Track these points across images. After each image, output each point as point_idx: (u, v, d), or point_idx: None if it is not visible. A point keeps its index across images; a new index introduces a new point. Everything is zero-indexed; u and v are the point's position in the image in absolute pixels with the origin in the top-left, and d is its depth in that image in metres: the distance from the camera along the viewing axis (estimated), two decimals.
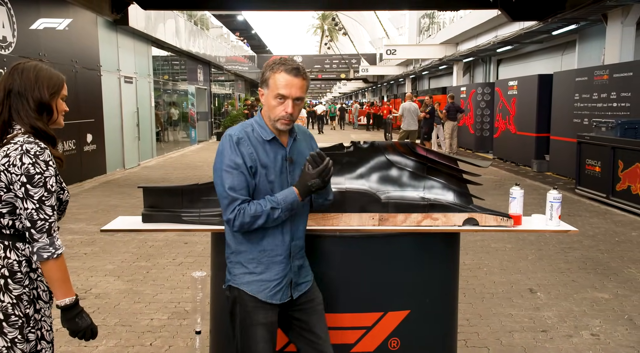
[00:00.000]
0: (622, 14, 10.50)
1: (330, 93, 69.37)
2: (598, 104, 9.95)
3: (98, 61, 11.57)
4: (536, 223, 2.64)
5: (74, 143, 10.35)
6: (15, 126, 1.86)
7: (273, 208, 1.95)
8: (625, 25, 10.58)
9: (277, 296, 2.05)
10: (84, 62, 10.89)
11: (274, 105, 2.00)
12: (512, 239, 6.11)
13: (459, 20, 20.50)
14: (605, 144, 8.46)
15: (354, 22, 41.47)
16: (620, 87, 9.32)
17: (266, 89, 2.02)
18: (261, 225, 1.96)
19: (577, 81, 10.74)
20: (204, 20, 22.31)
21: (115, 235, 6.19)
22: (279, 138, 2.05)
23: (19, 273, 1.83)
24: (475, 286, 4.66)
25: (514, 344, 3.56)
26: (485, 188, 9.47)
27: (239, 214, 1.94)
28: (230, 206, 1.95)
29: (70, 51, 10.37)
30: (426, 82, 31.51)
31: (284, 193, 1.99)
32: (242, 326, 2.05)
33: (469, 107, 17.00)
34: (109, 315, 4.00)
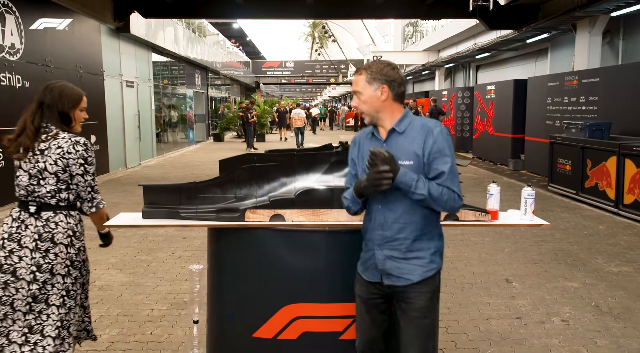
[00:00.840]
0: (589, 24, 10.59)
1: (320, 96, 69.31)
2: (568, 108, 10.02)
3: (101, 66, 11.47)
4: (512, 217, 2.65)
5: None
6: (48, 129, 2.37)
7: (345, 197, 2.13)
8: (592, 34, 10.68)
9: (367, 273, 2.12)
10: (88, 67, 10.79)
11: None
12: (490, 233, 6.14)
13: (441, 28, 20.56)
14: (575, 144, 8.53)
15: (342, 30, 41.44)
16: (588, 91, 9.41)
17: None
18: (347, 207, 2.13)
19: (549, 85, 10.81)
20: (202, 27, 22.18)
21: (118, 230, 6.13)
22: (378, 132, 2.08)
23: (77, 232, 2.49)
24: (455, 277, 4.68)
25: (491, 330, 3.58)
26: (465, 185, 9.51)
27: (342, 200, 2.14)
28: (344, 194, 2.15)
29: (75, 57, 10.26)
30: (410, 86, 31.58)
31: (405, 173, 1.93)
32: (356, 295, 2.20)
33: (450, 110, 17.06)
34: (112, 306, 3.97)
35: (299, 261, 2.33)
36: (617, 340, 3.41)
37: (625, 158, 7.13)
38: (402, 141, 2.01)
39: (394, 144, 2.02)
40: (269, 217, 2.39)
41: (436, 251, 2.09)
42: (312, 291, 2.34)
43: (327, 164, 2.51)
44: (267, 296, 2.37)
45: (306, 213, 2.41)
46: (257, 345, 2.39)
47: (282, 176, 2.51)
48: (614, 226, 6.62)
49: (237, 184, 2.47)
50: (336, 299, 2.33)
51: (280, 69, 39.69)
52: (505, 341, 3.42)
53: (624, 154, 7.16)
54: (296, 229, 2.36)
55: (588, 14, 10.17)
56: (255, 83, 40.50)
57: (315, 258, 2.33)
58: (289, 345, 2.36)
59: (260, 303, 2.37)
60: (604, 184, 7.65)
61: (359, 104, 2.04)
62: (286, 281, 2.36)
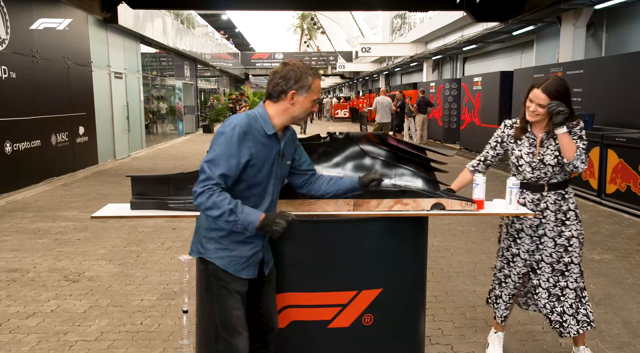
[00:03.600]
0: (574, 16, 10.65)
1: None
2: None
3: (89, 58, 11.30)
4: (497, 207, 2.67)
5: (66, 135, 10.11)
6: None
7: (232, 211, 1.92)
8: (577, 27, 10.74)
9: (245, 272, 2.09)
10: (76, 58, 10.62)
11: (309, 106, 2.09)
12: (477, 222, 6.18)
13: (429, 20, 20.53)
14: None
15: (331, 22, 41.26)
16: (572, 83, 9.45)
17: (306, 93, 2.05)
18: (213, 215, 1.95)
19: (535, 77, 10.86)
20: (190, 19, 21.93)
21: (107, 221, 6.09)
22: (278, 133, 2.08)
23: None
24: (442, 266, 4.71)
25: (476, 318, 3.61)
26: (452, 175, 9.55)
27: (205, 193, 1.92)
28: (204, 182, 1.94)
29: (62, 48, 10.09)
30: (399, 78, 31.57)
31: (251, 211, 1.96)
32: (219, 295, 2.08)
33: (438, 101, 17.09)
34: (102, 297, 3.94)
35: (288, 251, 2.32)
36: (598, 326, 3.46)
37: (608, 148, 7.21)
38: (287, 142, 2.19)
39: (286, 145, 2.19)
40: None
41: None
42: (300, 281, 2.34)
43: (315, 154, 2.49)
44: None
45: (294, 203, 2.40)
46: None
47: None
48: (597, 215, 6.70)
49: None
50: (325, 288, 2.33)
51: (270, 60, 39.46)
52: (490, 328, 3.44)
53: (606, 145, 7.24)
54: None
55: (572, 7, 10.22)
56: (244, 75, 40.24)
57: (303, 248, 2.32)
58: (279, 334, 2.36)
59: None
60: (587, 174, 7.73)
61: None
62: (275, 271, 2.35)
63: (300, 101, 2.05)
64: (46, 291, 4.05)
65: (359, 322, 2.36)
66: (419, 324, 2.64)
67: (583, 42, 10.86)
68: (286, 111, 2.06)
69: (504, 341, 3.10)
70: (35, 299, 3.90)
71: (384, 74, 32.92)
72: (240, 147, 1.95)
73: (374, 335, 2.40)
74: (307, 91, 2.04)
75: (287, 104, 2.05)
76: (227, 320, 2.08)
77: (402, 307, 2.49)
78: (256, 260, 2.13)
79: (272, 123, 2.05)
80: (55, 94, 9.79)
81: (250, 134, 1.98)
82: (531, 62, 14.27)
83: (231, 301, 2.08)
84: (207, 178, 1.93)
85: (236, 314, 2.08)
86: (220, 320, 2.09)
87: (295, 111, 2.07)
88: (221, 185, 1.95)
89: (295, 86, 2.03)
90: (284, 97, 2.04)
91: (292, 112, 2.07)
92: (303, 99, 2.05)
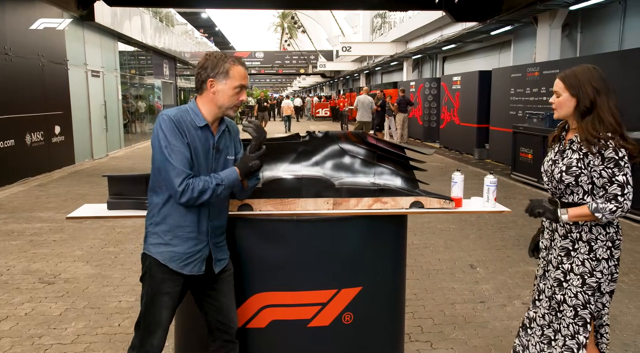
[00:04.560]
0: (550, 17, 10.84)
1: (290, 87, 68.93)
2: (530, 98, 10.26)
3: (65, 55, 11.08)
4: (475, 205, 2.69)
5: (42, 135, 9.91)
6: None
7: (218, 184, 1.99)
8: (552, 27, 10.94)
9: (187, 268, 2.08)
10: (51, 56, 10.41)
11: (232, 94, 2.05)
12: (456, 220, 6.25)
13: (408, 20, 20.67)
14: (536, 134, 8.74)
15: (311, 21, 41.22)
16: (549, 83, 9.60)
17: (225, 79, 2.03)
18: (206, 199, 1.99)
19: (512, 77, 11.03)
20: (169, 17, 21.68)
21: (84, 222, 5.99)
22: (210, 126, 2.07)
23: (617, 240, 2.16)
24: (422, 263, 4.75)
25: (455, 314, 3.65)
26: (432, 174, 9.64)
27: (187, 189, 1.95)
28: (179, 179, 1.94)
29: (37, 45, 9.88)
30: (379, 77, 31.72)
31: (226, 171, 2.04)
32: (150, 293, 2.09)
33: (418, 100, 17.23)
34: (78, 299, 3.87)
35: (267, 250, 2.31)
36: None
37: None
38: (225, 137, 2.17)
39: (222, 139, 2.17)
40: (237, 207, 2.36)
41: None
42: (280, 280, 2.33)
43: (294, 153, 2.49)
44: (236, 286, 2.35)
45: (274, 202, 2.39)
46: None
47: None
48: None
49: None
50: (304, 287, 2.33)
51: (250, 59, 39.29)
52: (469, 324, 3.49)
53: None
54: (264, 218, 2.34)
55: (548, 7, 10.40)
56: None
57: (283, 247, 2.32)
58: (258, 334, 2.35)
59: None
60: None
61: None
62: (255, 271, 2.34)
63: (220, 88, 2.03)
64: (20, 294, 3.96)
65: (338, 320, 2.36)
66: (399, 322, 2.66)
67: (559, 42, 11.07)
68: (211, 101, 2.05)
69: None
70: (8, 302, 3.81)
71: (365, 73, 33.04)
72: (179, 134, 1.98)
73: (353, 334, 2.40)
74: (225, 77, 2.02)
75: (210, 93, 2.04)
76: (151, 316, 2.08)
77: (381, 305, 2.50)
78: (201, 257, 2.10)
79: (202, 115, 2.05)
80: (30, 92, 9.58)
81: (182, 125, 1.99)
82: (509, 61, 14.48)
83: (160, 300, 2.07)
84: (179, 174, 1.95)
85: (162, 313, 2.08)
86: (144, 314, 2.09)
87: (218, 100, 2.04)
88: (190, 174, 1.97)
89: (212, 73, 2.02)
90: (205, 87, 2.04)
91: (216, 101, 2.04)
92: (223, 87, 2.03)
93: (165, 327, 2.10)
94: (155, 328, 2.08)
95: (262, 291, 2.31)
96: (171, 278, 2.07)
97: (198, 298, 2.23)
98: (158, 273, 2.07)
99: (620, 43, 10.07)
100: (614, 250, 2.13)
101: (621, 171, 2.03)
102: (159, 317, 2.08)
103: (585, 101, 2.10)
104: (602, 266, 2.12)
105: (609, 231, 2.13)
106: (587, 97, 2.10)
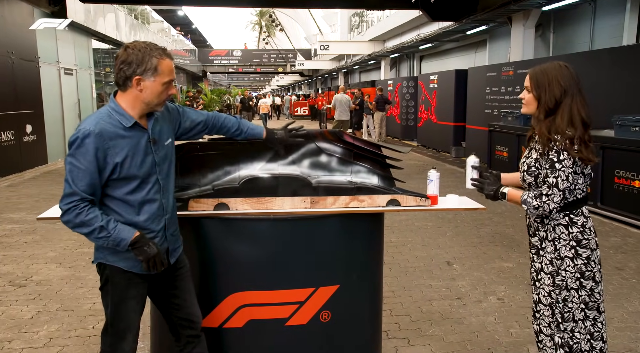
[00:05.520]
0: (523, 17, 11.04)
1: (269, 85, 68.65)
2: (505, 97, 10.42)
3: (36, 53, 10.82)
4: (450, 202, 2.72)
5: (12, 134, 9.66)
6: None
7: (102, 228, 1.84)
8: (526, 27, 11.14)
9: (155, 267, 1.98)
10: (21, 53, 10.15)
11: (161, 90, 1.91)
12: (433, 218, 6.32)
13: (386, 19, 20.79)
14: (511, 132, 8.89)
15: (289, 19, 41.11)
16: (523, 82, 9.77)
17: (153, 76, 1.87)
18: (82, 233, 1.87)
19: (488, 76, 11.19)
20: (145, 14, 21.36)
21: (57, 223, 5.84)
22: (139, 122, 1.93)
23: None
24: (400, 261, 4.79)
25: (432, 311, 3.69)
26: (409, 172, 9.73)
27: (72, 210, 1.83)
28: (68, 198, 1.83)
29: (6, 42, 9.62)
30: (357, 75, 31.83)
31: (124, 228, 1.89)
32: (115, 300, 2.01)
33: (396, 99, 17.34)
34: (51, 301, 3.79)
35: (244, 249, 2.30)
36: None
37: None
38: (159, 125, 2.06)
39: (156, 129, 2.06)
40: (213, 206, 2.34)
41: None
42: (257, 279, 2.32)
43: (271, 152, 2.47)
44: (213, 286, 2.33)
45: (251, 201, 2.38)
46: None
47: (226, 164, 2.45)
48: None
49: (180, 173, 2.40)
50: (282, 286, 2.32)
51: (228, 57, 38.97)
52: (445, 321, 3.53)
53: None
54: (241, 217, 2.32)
55: (522, 8, 10.59)
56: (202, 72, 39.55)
57: (260, 246, 2.30)
58: (235, 334, 2.34)
59: (206, 293, 2.33)
60: None
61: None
62: (231, 270, 2.33)
63: (148, 86, 1.87)
64: None
65: (316, 318, 2.36)
66: (376, 319, 2.67)
67: (532, 42, 11.28)
68: (137, 98, 1.89)
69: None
70: None
71: (343, 72, 33.11)
72: (95, 153, 1.82)
73: (331, 332, 2.41)
74: (154, 73, 1.87)
75: (136, 91, 1.88)
76: (121, 322, 2.02)
77: (359, 303, 2.51)
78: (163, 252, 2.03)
79: (129, 114, 1.90)
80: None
81: (104, 135, 1.83)
82: (484, 61, 14.69)
83: (127, 305, 2.01)
84: (72, 193, 1.82)
85: (130, 317, 2.03)
86: (112, 321, 2.03)
87: (146, 97, 1.89)
88: (87, 199, 1.84)
89: (139, 70, 1.85)
90: (130, 84, 1.88)
91: (143, 99, 1.89)
92: (152, 84, 1.87)
93: (135, 331, 2.06)
94: (125, 333, 2.03)
95: (239, 291, 2.30)
96: (135, 282, 2.02)
97: (160, 299, 2.19)
98: (122, 280, 1.99)
99: (591, 43, 10.32)
100: (579, 248, 2.10)
101: (553, 173, 2.03)
102: (128, 321, 2.02)
103: (550, 101, 2.09)
104: (567, 264, 2.11)
105: (572, 231, 2.11)
106: (553, 97, 2.09)
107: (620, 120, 6.21)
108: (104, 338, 2.06)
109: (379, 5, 13.05)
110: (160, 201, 2.02)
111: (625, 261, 4.74)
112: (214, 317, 2.33)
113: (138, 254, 1.91)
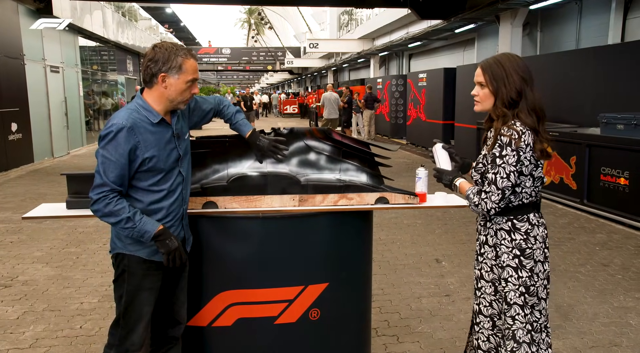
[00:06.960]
0: (511, 16, 11.12)
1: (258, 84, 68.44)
2: None
3: (21, 50, 10.67)
4: (439, 200, 2.73)
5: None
6: None
7: (129, 219, 1.93)
8: (514, 26, 11.23)
9: (157, 255, 2.05)
10: (6, 50, 10.01)
11: (184, 88, 2.01)
12: (422, 215, 6.34)
13: (375, 17, 20.82)
14: None
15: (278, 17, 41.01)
16: None
17: (178, 74, 1.97)
18: (109, 222, 1.96)
19: None
20: (132, 12, 21.17)
21: (44, 222, 5.80)
22: (165, 118, 2.04)
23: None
24: (389, 259, 4.80)
25: (422, 308, 3.71)
26: (399, 170, 9.76)
27: (102, 200, 1.92)
28: (98, 189, 1.92)
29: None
30: (347, 74, 31.85)
31: (149, 220, 1.97)
32: (131, 291, 2.05)
33: (385, 97, 17.38)
34: (37, 301, 3.74)
35: (233, 248, 2.29)
36: None
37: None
38: (181, 120, 2.16)
39: (179, 124, 2.16)
40: (201, 204, 2.33)
41: None
42: (246, 278, 2.31)
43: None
44: (201, 284, 2.32)
45: (239, 199, 2.36)
46: (192, 334, 2.34)
47: (214, 162, 2.44)
48: None
49: None
50: (271, 284, 2.31)
51: (217, 55, 38.75)
52: (434, 318, 3.55)
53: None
54: (230, 216, 2.31)
55: (510, 6, 10.67)
56: None
57: (249, 245, 2.29)
58: (224, 332, 2.33)
59: (195, 291, 2.31)
60: None
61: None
62: (220, 269, 2.32)
63: (172, 83, 1.97)
64: None
65: (305, 316, 2.36)
66: (366, 316, 2.67)
67: (520, 40, 11.37)
68: (162, 95, 1.99)
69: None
70: None
71: (332, 70, 33.11)
72: (127, 147, 1.91)
73: (320, 330, 2.41)
74: (178, 71, 1.96)
75: (161, 88, 1.98)
76: (133, 313, 2.06)
77: (348, 301, 2.51)
78: (179, 240, 2.09)
79: (155, 110, 2.00)
80: None
81: (135, 129, 1.93)
82: (473, 59, 14.78)
83: (141, 296, 2.06)
84: (102, 184, 1.91)
85: (143, 309, 2.06)
86: (124, 312, 2.06)
87: (170, 94, 1.99)
88: (117, 190, 1.93)
89: (165, 68, 1.96)
90: (155, 81, 1.97)
91: (168, 95, 1.99)
92: (176, 81, 1.97)
93: (146, 323, 2.08)
94: (136, 325, 2.06)
95: (227, 289, 2.29)
96: (151, 273, 2.06)
97: (159, 294, 2.18)
98: (139, 270, 2.05)
99: (577, 41, 10.42)
100: (523, 258, 1.92)
101: (493, 169, 1.89)
102: (140, 313, 2.06)
103: (512, 92, 1.91)
104: (509, 274, 1.93)
105: (515, 238, 1.93)
106: (514, 88, 1.91)
107: (606, 118, 6.28)
108: (114, 332, 2.09)
109: (368, 3, 13.07)
110: (181, 193, 2.11)
111: (610, 258, 4.80)
112: (203, 315, 2.32)
113: (160, 246, 1.99)
